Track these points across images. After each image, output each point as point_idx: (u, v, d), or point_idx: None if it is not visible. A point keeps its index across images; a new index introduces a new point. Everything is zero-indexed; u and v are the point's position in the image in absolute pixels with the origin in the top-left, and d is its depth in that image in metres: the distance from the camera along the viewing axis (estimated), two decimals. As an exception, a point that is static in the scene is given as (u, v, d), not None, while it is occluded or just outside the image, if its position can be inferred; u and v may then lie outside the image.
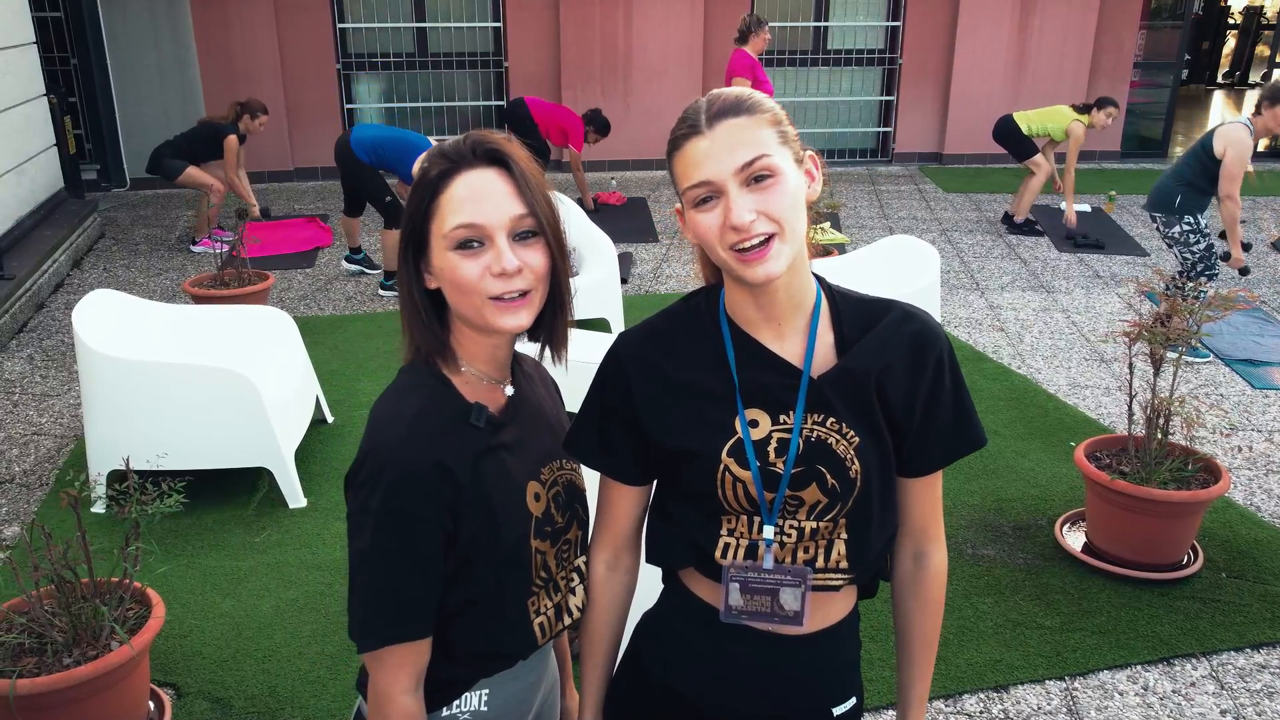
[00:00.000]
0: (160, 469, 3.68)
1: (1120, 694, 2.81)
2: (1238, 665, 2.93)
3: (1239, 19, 19.16)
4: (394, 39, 10.10)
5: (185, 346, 4.08)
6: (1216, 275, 5.46)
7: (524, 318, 1.28)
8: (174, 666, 2.90)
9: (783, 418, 1.29)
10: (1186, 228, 5.42)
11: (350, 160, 6.16)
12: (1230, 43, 19.42)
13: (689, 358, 1.33)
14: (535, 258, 1.28)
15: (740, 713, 1.37)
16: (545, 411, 1.45)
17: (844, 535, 1.31)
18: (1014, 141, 8.02)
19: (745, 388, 1.30)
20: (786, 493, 1.29)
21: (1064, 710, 2.75)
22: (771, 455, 1.29)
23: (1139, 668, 2.91)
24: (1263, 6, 10.84)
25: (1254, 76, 18.59)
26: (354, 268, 6.88)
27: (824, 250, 6.39)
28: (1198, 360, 5.29)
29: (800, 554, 1.31)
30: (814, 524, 1.30)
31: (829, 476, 1.28)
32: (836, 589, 1.34)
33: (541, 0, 10.06)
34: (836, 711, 1.38)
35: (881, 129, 11.17)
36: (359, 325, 5.84)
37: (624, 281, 6.44)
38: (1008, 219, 8.23)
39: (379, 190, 6.26)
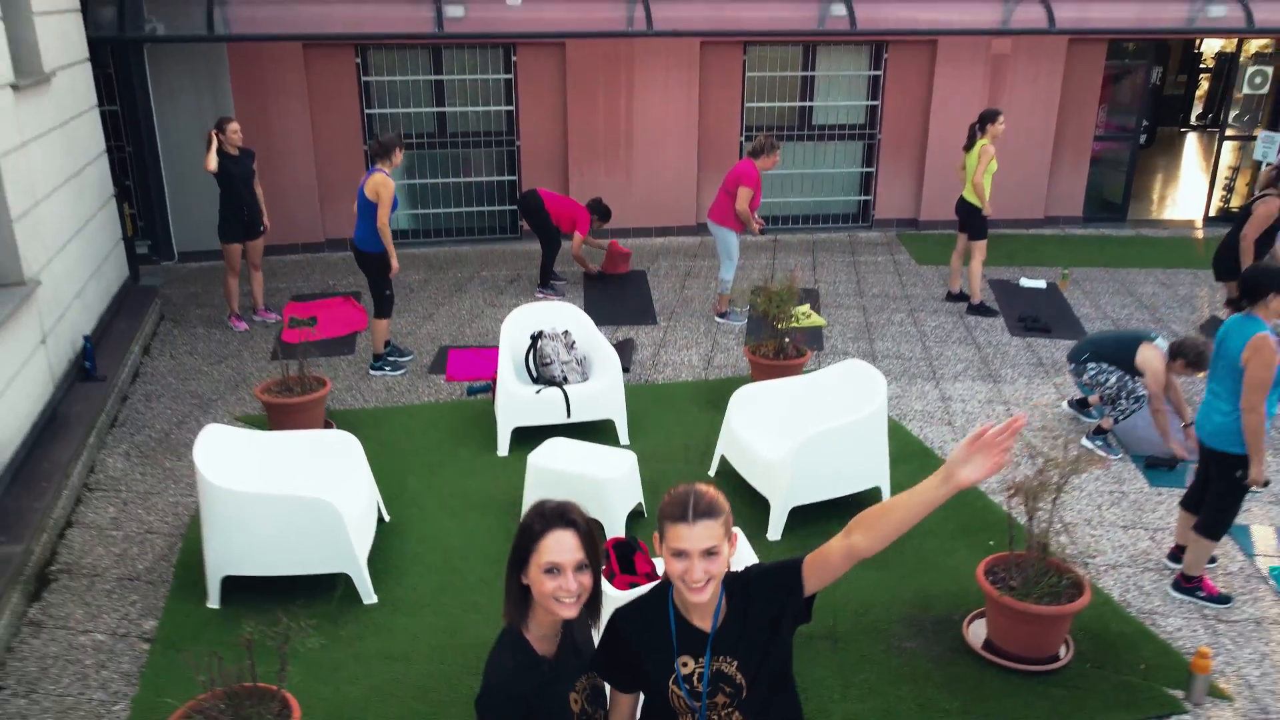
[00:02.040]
0: (261, 575, 4.71)
1: (995, 765, 3.81)
2: (1085, 742, 3.93)
3: (1211, 63, 20.12)
4: (416, 121, 11.10)
5: (279, 471, 5.08)
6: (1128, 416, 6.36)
7: (574, 611, 2.28)
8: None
9: (698, 660, 2.29)
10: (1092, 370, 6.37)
11: (357, 253, 7.27)
12: (1203, 86, 20.40)
13: (651, 630, 2.32)
14: (586, 580, 2.28)
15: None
16: (580, 646, 2.45)
17: (748, 714, 2.31)
18: (972, 222, 8.96)
19: (679, 646, 2.30)
20: (706, 705, 2.29)
21: (952, 779, 3.75)
22: (695, 681, 2.29)
23: (1011, 745, 3.92)
24: (1236, 52, 11.63)
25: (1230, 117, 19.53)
26: (384, 373, 7.72)
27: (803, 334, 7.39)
28: (1111, 457, 6.29)
29: None
30: (726, 715, 2.30)
31: (727, 688, 2.28)
32: None
33: (549, 85, 11.05)
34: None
35: (862, 197, 12.16)
36: (400, 419, 6.84)
37: (626, 370, 7.44)
38: (960, 298, 9.23)
39: (382, 283, 7.30)
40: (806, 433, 5.25)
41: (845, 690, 4.20)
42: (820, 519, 5.36)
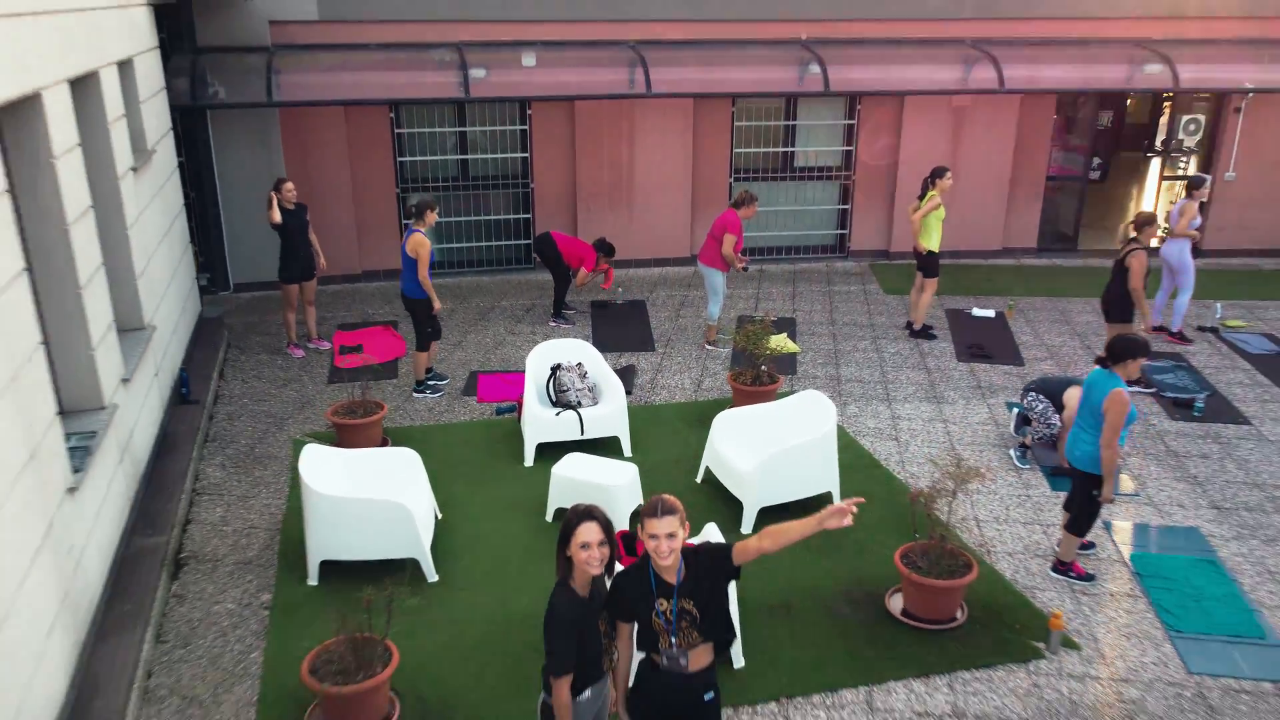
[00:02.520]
0: (349, 560, 6.15)
1: (898, 691, 5.25)
2: (964, 677, 5.37)
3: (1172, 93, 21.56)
4: (441, 167, 12.55)
5: (360, 479, 6.52)
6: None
7: (599, 570, 3.71)
8: (394, 682, 5.33)
9: (670, 600, 3.72)
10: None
11: (404, 299, 8.69)
12: (1166, 114, 21.84)
13: (639, 585, 3.76)
14: (605, 552, 3.70)
15: (669, 701, 3.81)
16: (603, 593, 3.88)
17: (700, 637, 3.74)
18: (926, 263, 10.38)
19: (657, 593, 3.73)
20: (676, 629, 3.72)
21: (863, 701, 5.18)
22: (668, 614, 3.72)
23: (910, 680, 5.36)
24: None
25: (1188, 143, 20.96)
26: (425, 395, 9.16)
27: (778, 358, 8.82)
28: (1023, 466, 7.73)
29: (685, 641, 3.74)
30: (690, 636, 3.73)
31: (688, 618, 3.71)
32: (699, 645, 3.75)
33: (560, 135, 12.50)
34: (706, 697, 3.82)
35: (839, 231, 13.62)
36: (442, 435, 8.27)
37: (629, 393, 8.88)
38: (909, 326, 10.68)
39: (425, 323, 8.74)
40: (770, 450, 6.69)
41: (793, 644, 5.63)
42: (782, 517, 6.78)
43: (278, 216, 9.53)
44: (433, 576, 6.24)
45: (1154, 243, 9.48)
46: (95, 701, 4.85)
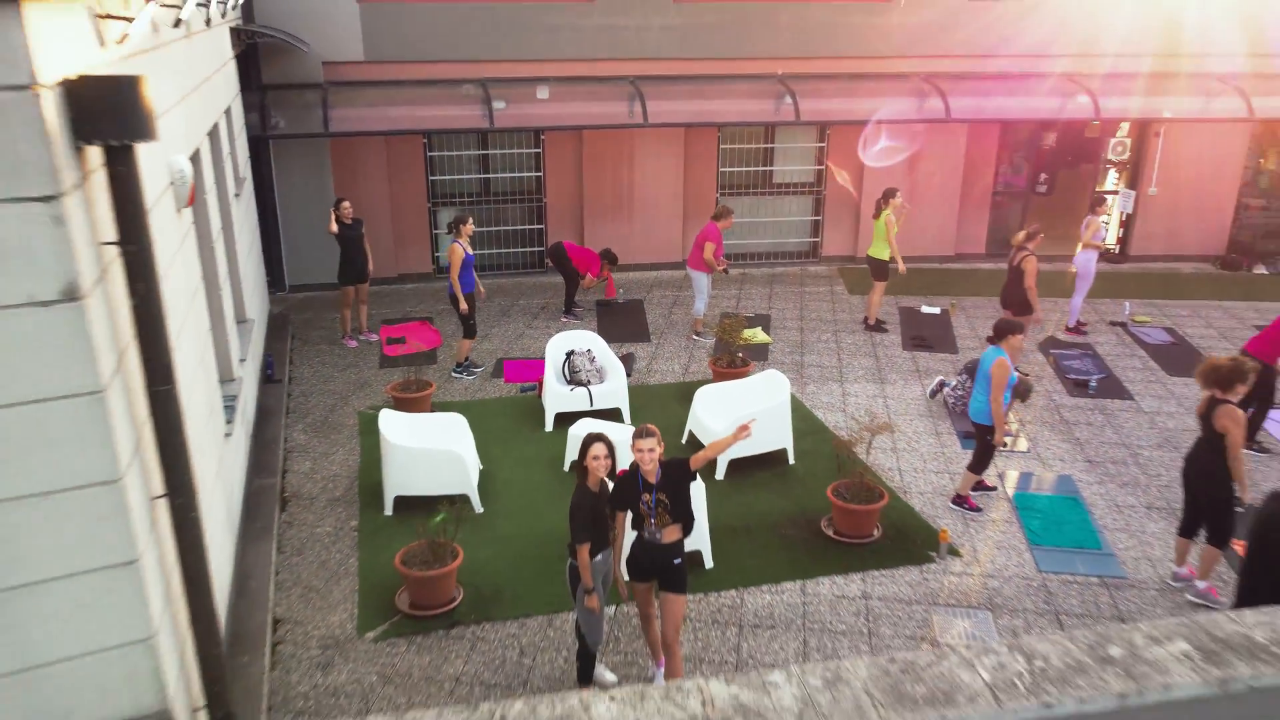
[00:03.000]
0: (421, 495, 8.13)
1: (824, 583, 7.22)
2: (874, 574, 7.34)
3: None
4: (466, 184, 14.52)
5: (424, 435, 8.50)
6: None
7: (604, 473, 5.69)
8: (457, 576, 7.30)
9: (650, 494, 5.70)
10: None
11: (450, 297, 10.65)
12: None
13: (631, 485, 5.74)
14: (610, 463, 5.68)
15: (650, 563, 5.79)
16: (606, 493, 5.85)
17: (670, 519, 5.72)
18: (875, 268, 12.33)
19: (642, 490, 5.71)
20: (655, 513, 5.71)
21: (798, 589, 7.15)
22: (650, 503, 5.70)
23: (834, 576, 7.33)
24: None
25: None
26: (463, 376, 11.15)
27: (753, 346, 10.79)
28: (931, 398, 9.69)
29: (660, 522, 5.72)
30: (664, 518, 5.71)
31: (663, 505, 5.69)
32: (671, 525, 5.73)
33: (569, 156, 14.47)
34: (675, 561, 5.80)
35: (812, 239, 15.58)
36: (478, 409, 10.23)
37: (629, 375, 10.84)
38: (865, 321, 12.64)
39: (464, 316, 10.70)
40: (736, 415, 8.66)
41: (749, 553, 7.60)
42: (746, 466, 8.76)
43: (335, 228, 11.50)
44: (479, 509, 8.21)
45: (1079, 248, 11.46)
46: (250, 583, 6.83)
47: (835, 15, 14.07)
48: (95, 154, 3.93)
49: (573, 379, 9.99)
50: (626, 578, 6.03)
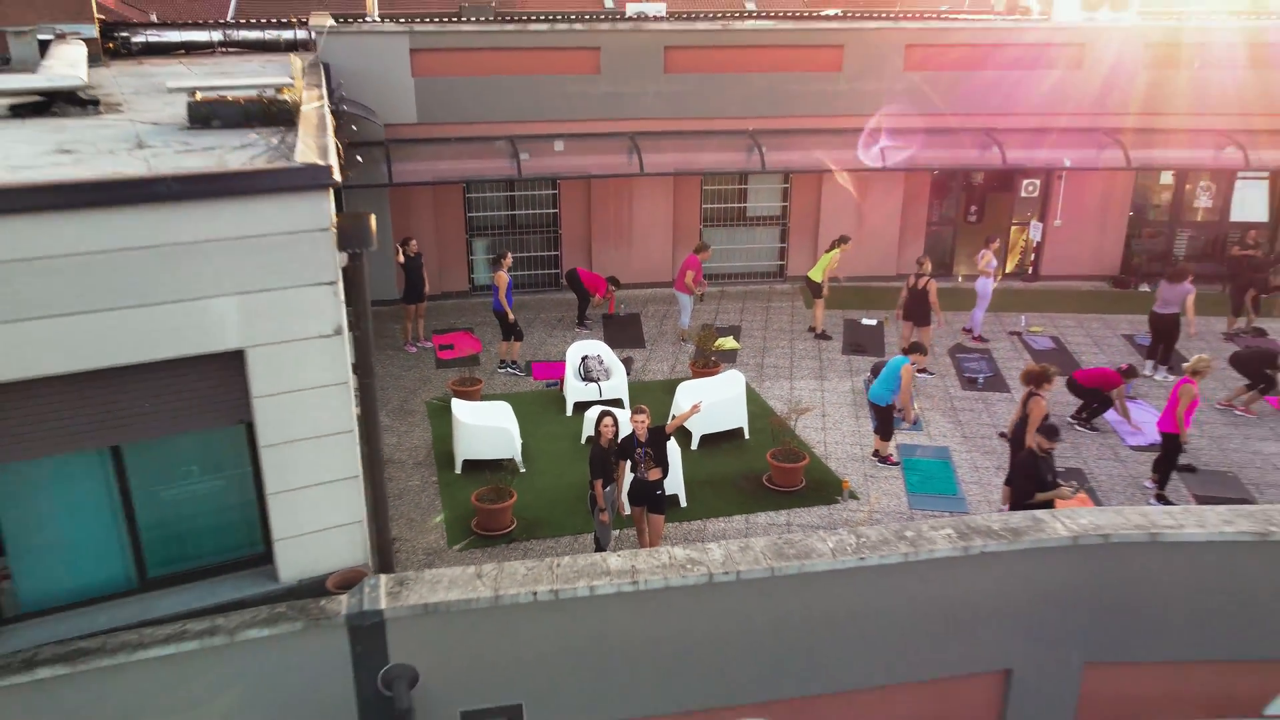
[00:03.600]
0: (482, 459, 11.55)
1: (762, 516, 10.59)
2: (798, 510, 10.72)
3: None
4: (495, 219, 17.88)
5: (483, 416, 11.86)
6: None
7: (612, 435, 9.07)
8: (514, 511, 10.67)
9: (641, 448, 9.10)
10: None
11: (494, 312, 14.02)
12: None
13: (629, 444, 9.13)
14: (615, 430, 9.07)
15: (642, 493, 9.18)
16: (614, 448, 9.23)
17: (654, 464, 9.10)
18: (815, 289, 15.70)
19: (635, 445, 9.09)
20: (644, 460, 9.09)
21: (743, 519, 10.52)
22: (641, 454, 9.09)
23: (769, 511, 10.71)
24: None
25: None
26: (506, 371, 14.51)
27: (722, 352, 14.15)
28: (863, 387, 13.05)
29: (647, 466, 9.10)
30: (650, 464, 9.09)
31: (650, 455, 9.07)
32: (655, 469, 9.11)
33: (580, 195, 17.82)
34: (657, 492, 9.19)
35: (779, 262, 18.95)
36: (516, 399, 13.56)
37: (629, 374, 14.19)
38: (812, 330, 15.99)
39: (507, 327, 14.06)
40: (707, 402, 12.02)
41: (712, 497, 10.96)
42: (712, 439, 12.12)
43: (401, 259, 14.86)
44: (523, 469, 11.58)
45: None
46: (376, 519, 10.19)
47: (794, 83, 17.41)
48: (344, 257, 7.28)
49: (586, 377, 13.34)
50: (627, 504, 9.41)
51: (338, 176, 6.94)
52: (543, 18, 17.81)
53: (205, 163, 7.49)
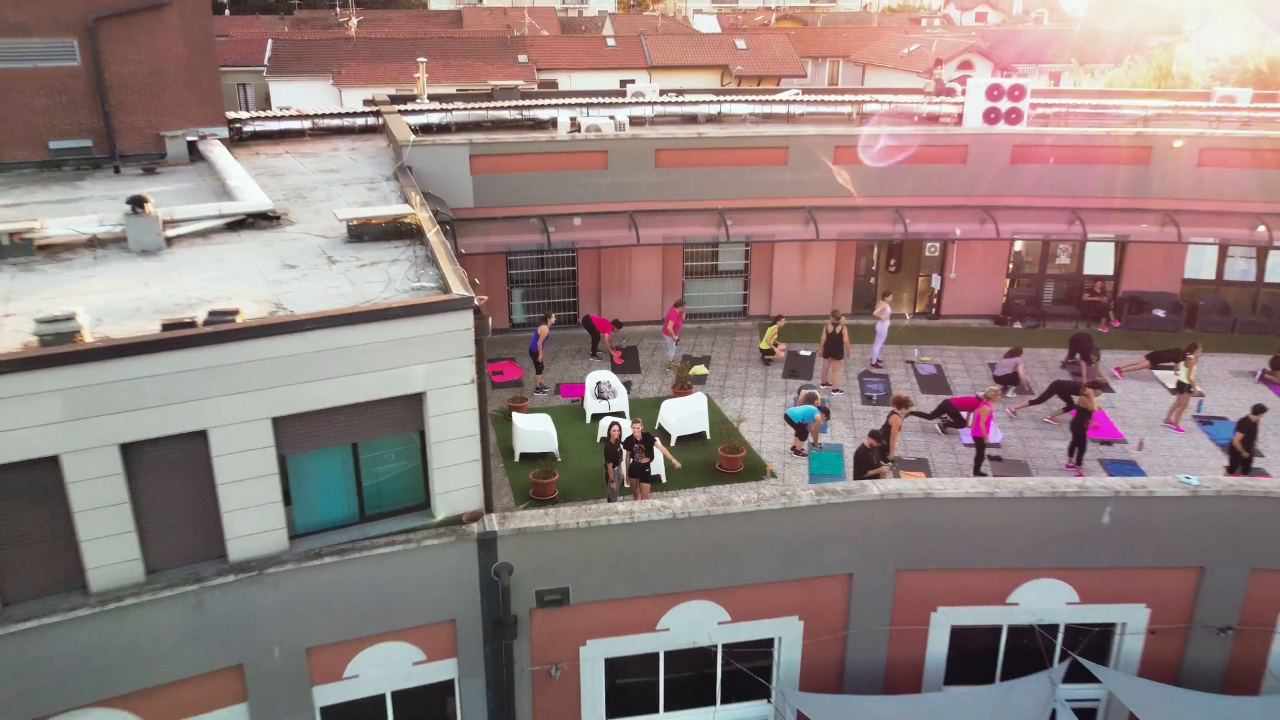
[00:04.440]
0: (532, 451, 17.68)
1: (714, 488, 16.63)
2: (737, 485, 16.76)
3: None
4: (529, 274, 23.92)
5: (532, 422, 17.91)
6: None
7: (617, 438, 15.12)
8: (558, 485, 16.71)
9: (637, 445, 15.16)
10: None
11: (530, 349, 20.12)
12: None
13: (630, 441, 15.20)
14: (620, 435, 15.13)
15: (638, 470, 15.27)
16: (620, 444, 15.29)
17: (644, 454, 15.14)
18: (766, 354, 21.75)
19: (635, 442, 15.15)
20: (637, 452, 15.16)
21: (704, 491, 16.55)
22: (636, 448, 15.15)
23: (719, 486, 16.75)
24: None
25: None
26: (541, 392, 20.54)
27: (696, 377, 20.20)
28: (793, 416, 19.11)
29: (639, 455, 15.14)
30: (641, 454, 15.13)
31: (642, 449, 15.12)
32: (645, 457, 15.16)
33: (593, 257, 23.87)
34: (647, 471, 15.28)
35: (742, 305, 25.01)
36: (551, 410, 19.60)
37: (629, 394, 20.24)
38: (763, 355, 22.02)
39: (535, 359, 20.14)
40: (680, 414, 18.06)
41: (683, 476, 16.97)
42: (685, 440, 18.16)
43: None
44: (559, 459, 17.62)
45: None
46: (485, 484, 16.24)
47: (751, 174, 23.41)
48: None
49: (599, 396, 19.37)
50: (627, 478, 15.46)
51: (475, 300, 12.93)
52: (563, 119, 23.83)
53: (379, 279, 13.51)
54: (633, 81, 60.30)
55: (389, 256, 15.37)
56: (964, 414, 18.40)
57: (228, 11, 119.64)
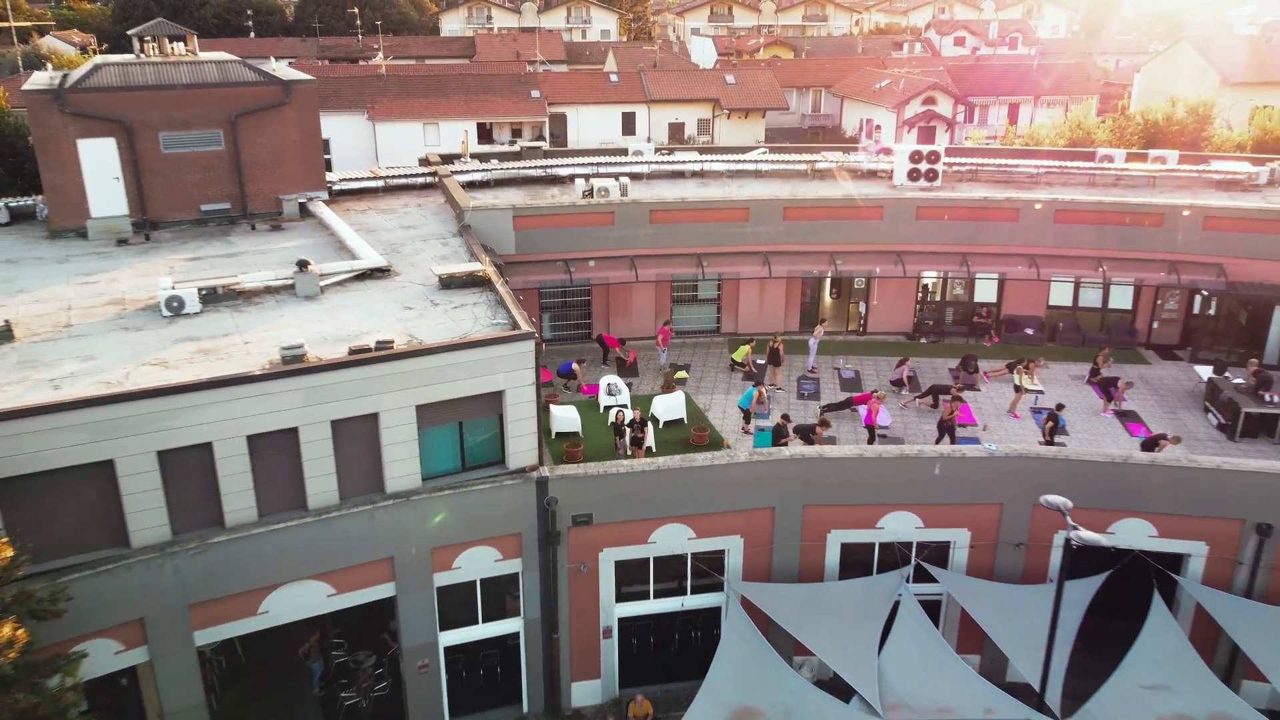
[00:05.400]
0: (564, 431, 25.76)
1: (690, 458, 24.60)
2: (706, 455, 24.72)
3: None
4: (554, 302, 31.87)
5: (563, 410, 25.87)
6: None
7: (623, 420, 23.09)
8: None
9: (635, 425, 23.12)
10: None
11: (561, 373, 28.13)
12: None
13: (633, 422, 23.18)
14: (624, 418, 23.07)
15: (636, 442, 23.27)
16: (624, 424, 23.25)
17: (641, 432, 23.08)
18: (737, 364, 29.68)
19: (636, 421, 23.10)
20: (637, 430, 23.13)
21: (680, 459, 24.49)
22: (636, 425, 23.10)
23: (690, 454, 24.68)
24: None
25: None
26: (569, 390, 28.46)
27: (679, 381, 28.15)
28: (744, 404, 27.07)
29: (638, 433, 23.08)
30: (640, 432, 23.08)
31: (640, 427, 23.06)
32: (642, 433, 23.10)
33: (602, 290, 31.80)
34: (642, 443, 23.29)
35: (716, 325, 32.95)
36: (577, 403, 27.54)
37: (630, 391, 28.19)
38: (732, 364, 29.97)
39: (567, 376, 28.13)
40: (666, 406, 26.00)
41: (666, 446, 24.90)
42: (669, 425, 26.08)
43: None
44: (582, 435, 25.54)
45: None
46: (539, 449, 24.19)
47: (722, 228, 31.25)
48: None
49: (609, 393, 27.28)
50: (628, 447, 23.38)
51: (534, 334, 20.84)
52: (579, 174, 31.73)
53: (469, 318, 21.47)
54: (633, 135, 68.47)
55: (471, 300, 23.32)
56: (859, 406, 26.38)
57: (252, 34, 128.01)
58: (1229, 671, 22.18)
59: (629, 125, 71.78)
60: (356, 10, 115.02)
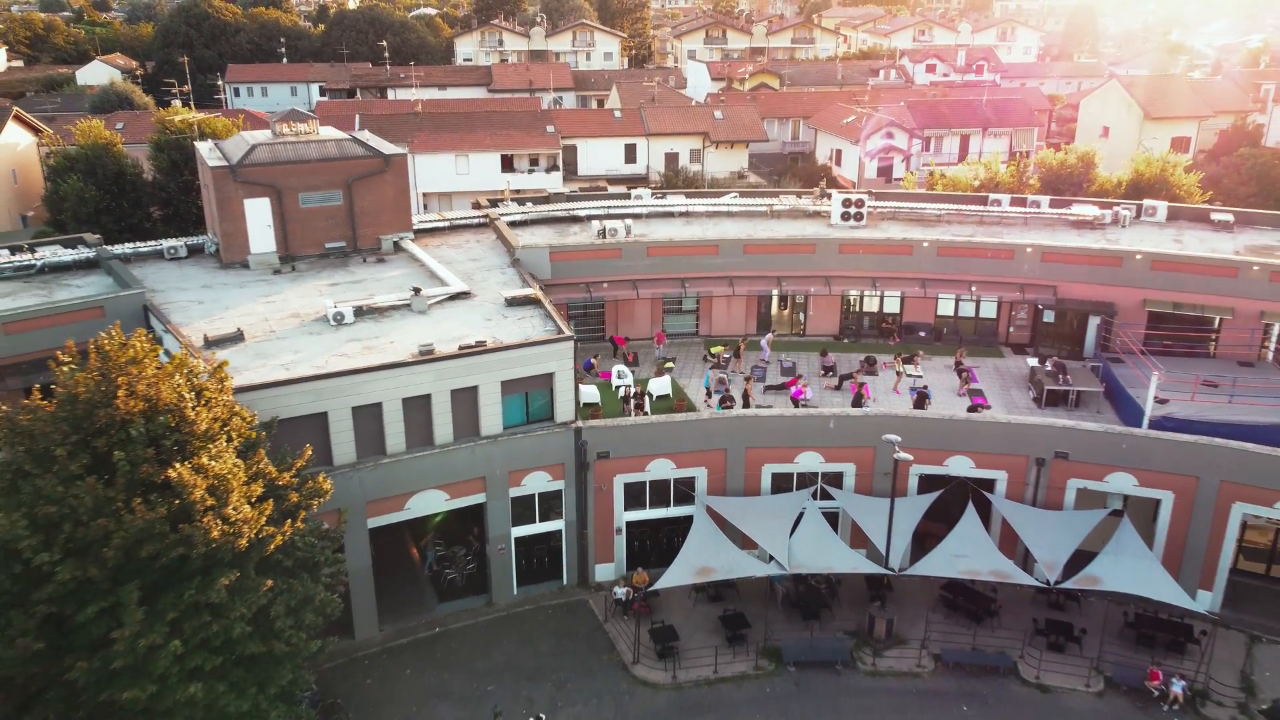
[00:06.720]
0: (588, 401, 38.01)
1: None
2: (686, 416, 36.89)
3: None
4: (578, 311, 43.98)
5: (588, 389, 38.04)
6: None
7: (629, 394, 35.23)
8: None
9: (638, 396, 35.30)
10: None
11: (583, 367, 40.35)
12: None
13: (636, 394, 35.39)
14: (629, 391, 35.22)
15: (638, 408, 35.52)
16: (630, 396, 35.44)
17: (639, 399, 35.21)
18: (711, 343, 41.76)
19: (639, 393, 35.26)
20: (637, 401, 35.29)
21: (666, 419, 36.62)
22: (639, 396, 35.26)
23: (674, 415, 36.86)
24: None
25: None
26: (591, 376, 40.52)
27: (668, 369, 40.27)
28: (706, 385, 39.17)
29: (639, 402, 35.20)
30: (639, 401, 35.25)
31: (639, 397, 35.24)
32: (642, 400, 35.22)
33: (613, 304, 43.88)
34: (641, 409, 35.55)
35: (694, 328, 45.04)
36: (596, 382, 39.59)
37: (634, 375, 40.29)
38: (706, 355, 42.06)
39: (589, 370, 40.29)
40: (658, 385, 38.07)
41: (656, 411, 37.02)
42: (662, 399, 38.17)
43: None
44: (601, 405, 37.60)
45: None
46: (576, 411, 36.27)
47: (699, 260, 43.14)
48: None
49: (619, 377, 39.32)
50: (632, 412, 35.49)
51: (573, 337, 32.96)
52: (594, 211, 43.82)
53: (530, 327, 33.68)
54: (634, 163, 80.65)
55: (529, 314, 35.45)
56: (790, 386, 38.53)
57: (284, 59, 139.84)
58: (1027, 557, 34.25)
59: (630, 155, 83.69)
60: (385, 43, 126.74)
